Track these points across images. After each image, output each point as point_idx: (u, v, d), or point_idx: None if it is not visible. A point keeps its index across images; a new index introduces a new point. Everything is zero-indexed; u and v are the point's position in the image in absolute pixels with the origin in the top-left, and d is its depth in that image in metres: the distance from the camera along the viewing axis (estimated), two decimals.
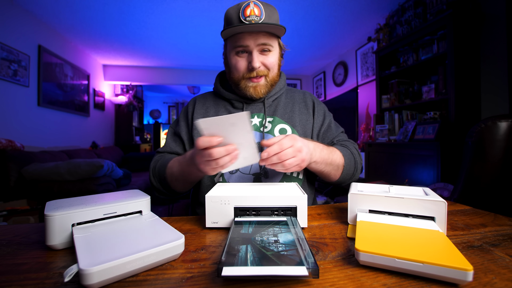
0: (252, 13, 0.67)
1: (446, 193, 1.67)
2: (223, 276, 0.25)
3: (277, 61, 0.74)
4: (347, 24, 3.03)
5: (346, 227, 0.44)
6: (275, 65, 0.74)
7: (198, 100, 0.84)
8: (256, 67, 0.69)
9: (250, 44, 0.69)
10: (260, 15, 0.67)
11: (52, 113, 3.07)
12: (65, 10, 2.69)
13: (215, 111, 0.79)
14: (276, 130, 0.75)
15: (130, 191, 0.49)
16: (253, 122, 0.77)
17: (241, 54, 0.71)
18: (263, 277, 0.26)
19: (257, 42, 0.68)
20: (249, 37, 0.68)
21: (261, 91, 0.73)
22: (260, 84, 0.73)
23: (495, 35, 1.86)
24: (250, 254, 0.29)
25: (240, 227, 0.38)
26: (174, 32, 3.21)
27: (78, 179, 2.12)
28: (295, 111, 0.80)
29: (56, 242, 0.35)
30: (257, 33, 0.68)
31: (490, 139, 0.85)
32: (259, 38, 0.68)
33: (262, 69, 0.71)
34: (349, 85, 3.75)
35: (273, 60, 0.72)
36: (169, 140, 0.83)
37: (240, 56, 0.71)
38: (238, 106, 0.79)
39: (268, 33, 0.69)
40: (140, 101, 5.59)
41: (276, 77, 0.76)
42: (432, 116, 2.14)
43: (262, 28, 0.67)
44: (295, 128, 0.76)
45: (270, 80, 0.74)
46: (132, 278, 0.28)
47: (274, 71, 0.74)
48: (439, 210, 0.39)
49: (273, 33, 0.70)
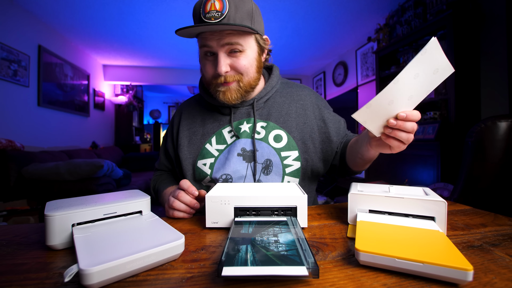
0: (213, 8, 0.55)
1: (446, 193, 1.67)
2: (223, 276, 0.25)
3: (252, 62, 0.63)
4: (347, 24, 3.03)
5: (346, 227, 0.44)
6: (249, 68, 0.62)
7: (184, 109, 0.78)
8: (222, 72, 0.59)
9: (213, 45, 0.59)
10: (222, 9, 0.55)
11: (52, 113, 3.07)
12: (65, 10, 2.69)
13: (201, 120, 0.73)
14: (270, 137, 0.68)
15: (130, 191, 0.49)
16: (242, 129, 0.69)
17: (209, 56, 0.62)
18: (263, 277, 0.26)
19: (221, 42, 0.58)
20: (211, 37, 0.58)
21: (232, 97, 0.63)
22: (230, 88, 0.63)
23: (495, 35, 1.86)
24: (250, 254, 0.29)
25: (240, 227, 0.38)
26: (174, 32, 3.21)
27: (78, 179, 2.12)
28: (291, 113, 0.70)
29: (56, 242, 0.35)
30: (220, 31, 0.57)
31: (490, 139, 0.85)
32: (223, 37, 0.58)
33: (231, 74, 0.61)
34: (349, 85, 3.75)
35: (246, 63, 0.61)
36: (162, 157, 0.81)
37: (207, 59, 0.62)
38: (225, 112, 0.71)
39: (235, 32, 0.58)
40: (140, 101, 5.59)
41: (255, 80, 0.66)
42: (432, 116, 2.14)
43: (220, 28, 0.56)
44: (291, 134, 0.69)
45: (244, 85, 0.64)
46: (132, 278, 0.28)
47: (250, 74, 0.63)
48: (439, 210, 0.39)
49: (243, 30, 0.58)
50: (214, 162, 0.68)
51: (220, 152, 0.69)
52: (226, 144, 0.69)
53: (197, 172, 0.70)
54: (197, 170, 0.70)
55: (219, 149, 0.69)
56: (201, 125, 0.73)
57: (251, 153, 0.68)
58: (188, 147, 0.72)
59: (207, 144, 0.70)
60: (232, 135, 0.70)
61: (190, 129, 0.74)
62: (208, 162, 0.69)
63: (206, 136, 0.71)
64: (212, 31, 0.58)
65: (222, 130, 0.71)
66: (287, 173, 0.68)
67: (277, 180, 0.67)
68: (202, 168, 0.69)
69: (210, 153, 0.69)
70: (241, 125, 0.70)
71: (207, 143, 0.70)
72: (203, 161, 0.69)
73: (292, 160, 0.68)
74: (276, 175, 0.67)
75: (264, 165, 0.67)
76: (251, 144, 0.67)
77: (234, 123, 0.70)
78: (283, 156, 0.68)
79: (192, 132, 0.73)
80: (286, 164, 0.67)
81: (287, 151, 0.68)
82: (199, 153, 0.70)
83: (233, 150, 0.68)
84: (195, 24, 0.57)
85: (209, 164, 0.69)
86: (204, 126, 0.72)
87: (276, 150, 0.68)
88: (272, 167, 0.67)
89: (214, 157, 0.69)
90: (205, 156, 0.69)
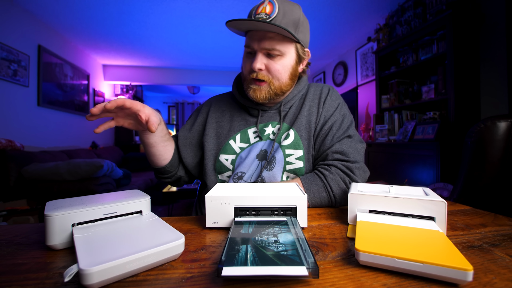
0: (263, 11, 0.60)
1: (446, 193, 1.67)
2: (223, 276, 0.25)
3: (287, 68, 0.66)
4: (347, 24, 3.04)
5: (346, 227, 0.44)
6: (282, 73, 0.65)
7: (214, 102, 0.81)
8: (256, 68, 0.63)
9: (254, 45, 0.63)
10: (271, 13, 0.59)
11: (52, 113, 3.07)
12: (65, 10, 2.69)
13: (230, 116, 0.76)
14: (282, 137, 0.70)
15: (130, 191, 0.49)
16: (266, 131, 0.72)
17: (249, 55, 0.66)
18: (263, 277, 0.26)
19: (261, 45, 0.62)
20: (254, 38, 0.63)
21: (261, 96, 0.67)
22: (261, 88, 0.66)
23: (494, 35, 1.86)
24: (250, 254, 0.29)
25: (240, 227, 0.38)
26: (174, 32, 3.21)
27: (78, 179, 2.12)
28: (304, 111, 0.72)
29: (56, 242, 0.35)
30: (263, 34, 0.62)
31: (489, 139, 0.85)
32: (265, 40, 0.62)
33: (264, 73, 0.65)
34: (349, 85, 3.75)
35: (280, 68, 0.64)
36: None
37: (248, 57, 0.67)
38: (254, 113, 0.74)
39: (277, 36, 0.61)
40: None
41: (286, 86, 0.68)
42: (431, 116, 2.14)
43: (265, 27, 0.59)
44: (300, 133, 0.70)
45: (275, 88, 0.67)
46: (132, 278, 0.28)
47: (281, 79, 0.66)
48: (439, 210, 0.39)
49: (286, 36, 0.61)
50: (235, 159, 0.71)
51: (242, 150, 0.72)
52: (249, 143, 0.72)
53: (218, 165, 0.72)
54: (218, 163, 0.72)
55: (242, 147, 0.72)
56: (229, 121, 0.76)
57: (264, 152, 0.70)
58: (214, 139, 0.75)
59: (231, 140, 0.73)
60: (256, 135, 0.73)
61: (218, 122, 0.77)
62: (230, 158, 0.72)
63: (232, 132, 0.74)
64: (256, 31, 0.62)
65: (247, 130, 0.74)
66: (288, 169, 0.69)
67: (277, 175, 0.68)
68: (224, 163, 0.72)
69: (232, 149, 0.72)
70: (266, 127, 0.73)
71: (231, 139, 0.73)
72: (226, 156, 0.72)
73: (295, 159, 0.69)
74: (278, 171, 0.69)
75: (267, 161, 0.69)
76: (269, 145, 0.70)
77: (260, 125, 0.73)
78: (287, 154, 0.69)
79: (219, 125, 0.76)
80: (288, 162, 0.69)
81: (292, 149, 0.69)
82: (222, 147, 0.73)
83: (253, 150, 0.71)
84: (242, 19, 0.59)
85: (231, 160, 0.71)
86: (232, 123, 0.76)
87: (281, 147, 0.69)
88: (275, 163, 0.68)
89: (235, 153, 0.72)
90: (227, 151, 0.72)
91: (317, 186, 0.60)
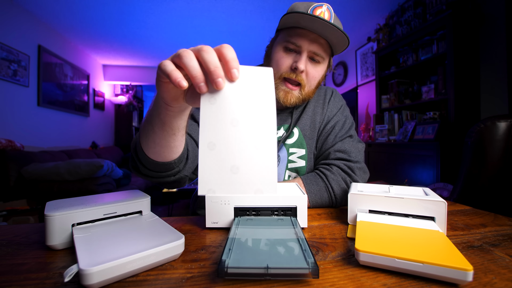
0: (322, 15, 0.59)
1: (446, 193, 1.67)
2: (223, 276, 0.25)
3: (319, 77, 0.66)
4: (347, 24, 3.04)
5: (346, 227, 0.44)
6: (316, 80, 0.66)
7: None
8: (301, 68, 0.61)
9: (303, 45, 0.61)
10: (329, 19, 0.60)
11: (52, 113, 3.07)
12: (65, 10, 2.69)
13: None
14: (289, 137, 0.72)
15: (130, 191, 0.49)
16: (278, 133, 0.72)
17: (289, 51, 0.63)
18: (263, 277, 0.26)
19: (310, 48, 0.62)
20: (305, 37, 0.61)
21: (291, 100, 0.65)
22: (293, 92, 0.65)
23: (494, 35, 1.86)
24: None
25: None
26: (174, 32, 3.21)
27: (78, 179, 2.12)
28: (308, 110, 0.73)
29: (56, 242, 0.35)
30: (316, 37, 0.61)
31: (489, 139, 0.85)
32: (314, 43, 0.61)
33: (303, 77, 0.63)
34: (349, 85, 3.75)
35: (317, 75, 0.65)
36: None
37: (286, 53, 0.64)
38: None
39: (325, 44, 0.62)
40: (140, 101, 5.59)
41: (312, 92, 0.69)
42: (431, 116, 2.14)
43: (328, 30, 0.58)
44: (304, 132, 0.71)
45: (305, 93, 0.66)
46: (132, 278, 0.28)
47: (311, 86, 0.66)
48: (439, 210, 0.39)
49: (330, 46, 0.63)
50: None
51: None
52: None
53: None
54: None
55: None
56: None
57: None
58: None
59: None
60: None
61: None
62: None
63: None
64: (310, 31, 0.60)
65: None
66: (289, 168, 0.69)
67: (280, 174, 0.69)
68: None
69: None
70: (278, 130, 0.72)
71: None
72: None
73: (298, 158, 0.70)
74: (281, 169, 0.69)
75: None
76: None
77: None
78: (290, 152, 0.69)
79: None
80: (290, 160, 0.69)
81: (296, 148, 0.70)
82: None
83: None
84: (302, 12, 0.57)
85: None
86: None
87: (285, 145, 0.70)
88: (279, 162, 0.69)
89: None
90: None
91: (319, 186, 0.60)
